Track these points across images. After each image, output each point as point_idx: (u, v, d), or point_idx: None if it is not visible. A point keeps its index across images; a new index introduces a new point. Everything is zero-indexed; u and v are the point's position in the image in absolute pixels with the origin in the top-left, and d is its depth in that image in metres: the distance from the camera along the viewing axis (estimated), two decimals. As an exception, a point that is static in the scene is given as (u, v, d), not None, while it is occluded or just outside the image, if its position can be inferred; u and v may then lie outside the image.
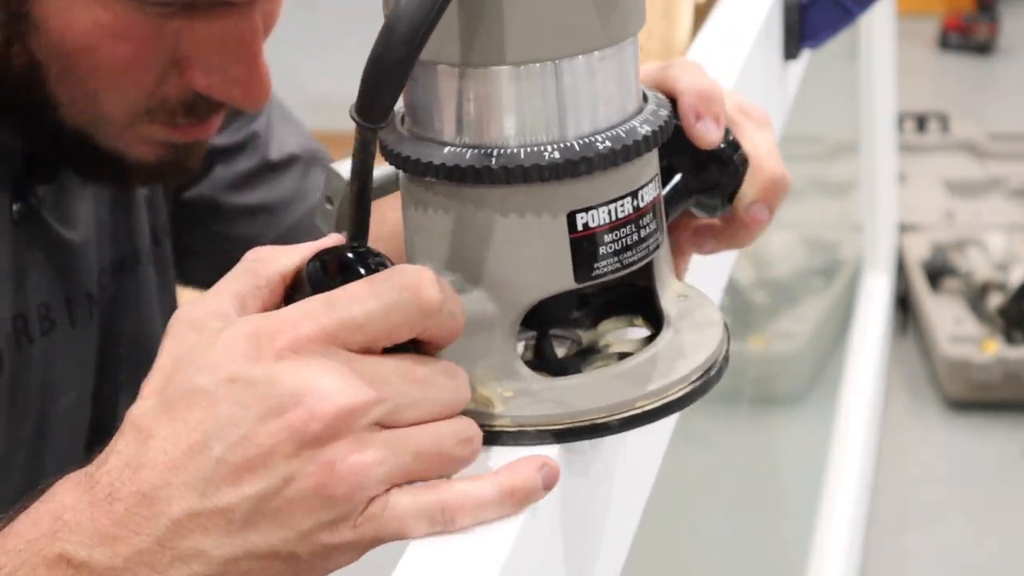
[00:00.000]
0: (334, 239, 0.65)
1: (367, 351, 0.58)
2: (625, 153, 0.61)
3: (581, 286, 0.62)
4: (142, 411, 0.60)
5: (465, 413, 0.60)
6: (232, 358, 0.58)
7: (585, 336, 0.68)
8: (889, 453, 2.80)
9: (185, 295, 1.16)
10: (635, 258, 0.63)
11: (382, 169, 0.66)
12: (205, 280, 1.17)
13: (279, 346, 0.58)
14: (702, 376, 0.64)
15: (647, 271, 0.65)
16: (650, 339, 0.67)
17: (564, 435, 0.62)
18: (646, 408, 0.62)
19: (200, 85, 0.84)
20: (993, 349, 2.92)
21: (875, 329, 2.92)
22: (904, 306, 3.24)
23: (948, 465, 2.81)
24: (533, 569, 0.60)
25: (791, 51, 1.28)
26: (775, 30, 1.24)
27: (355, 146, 0.60)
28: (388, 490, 0.58)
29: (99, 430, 1.02)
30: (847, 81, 2.92)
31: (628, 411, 0.62)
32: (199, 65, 0.84)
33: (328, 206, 0.67)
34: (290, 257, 0.63)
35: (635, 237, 0.63)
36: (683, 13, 1.41)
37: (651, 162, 0.64)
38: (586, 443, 0.63)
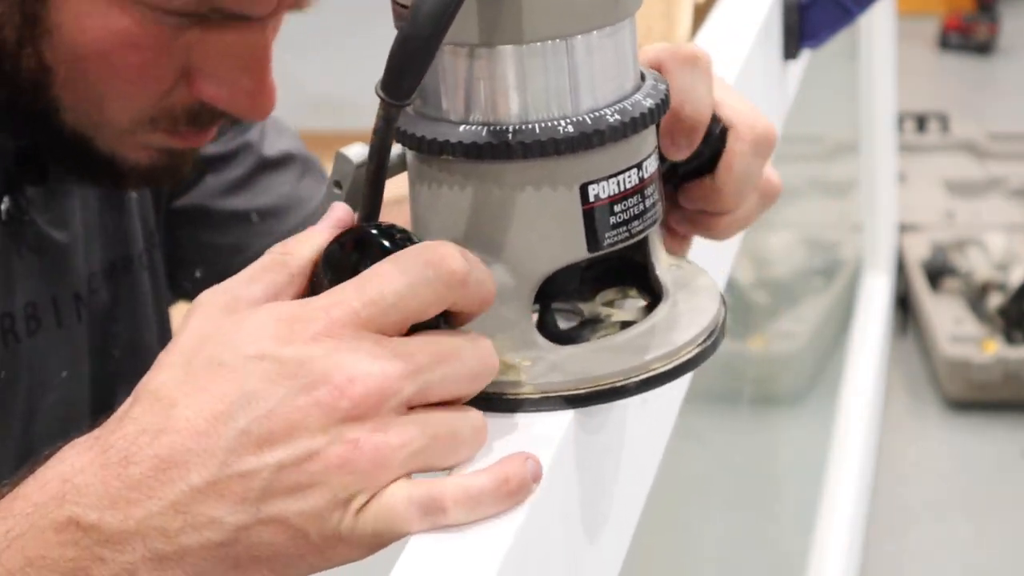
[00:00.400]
0: (342, 208, 0.66)
1: (398, 330, 0.59)
2: (633, 125, 0.63)
3: (593, 256, 0.64)
4: (161, 381, 0.59)
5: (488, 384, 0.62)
6: (262, 338, 0.59)
7: (585, 308, 0.70)
8: (889, 453, 2.81)
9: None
10: (641, 227, 0.65)
11: (362, 150, 0.68)
12: (196, 292, 1.17)
13: (312, 331, 0.58)
14: (708, 338, 0.67)
15: (642, 242, 0.68)
16: (649, 307, 0.69)
17: (585, 399, 0.64)
18: (660, 370, 0.65)
19: (207, 95, 0.84)
20: (993, 349, 2.92)
21: (875, 329, 2.92)
22: (904, 306, 3.24)
23: (948, 465, 2.81)
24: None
25: (791, 51, 1.28)
26: (775, 30, 1.24)
27: (377, 123, 0.61)
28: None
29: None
30: (847, 81, 2.92)
31: (644, 374, 0.64)
32: (208, 76, 0.84)
33: (337, 191, 0.68)
34: (316, 241, 0.64)
35: (641, 207, 0.65)
36: (683, 13, 1.41)
37: (651, 135, 0.67)
38: (599, 411, 0.65)
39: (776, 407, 2.35)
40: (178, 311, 1.21)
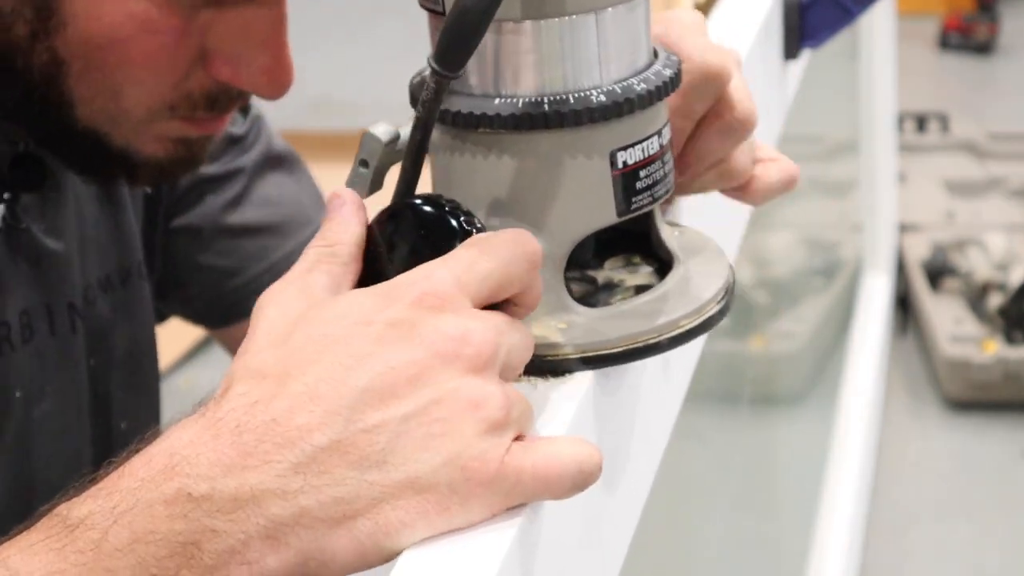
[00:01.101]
0: (349, 192, 0.66)
1: (485, 303, 0.60)
2: (657, 94, 0.67)
3: (621, 220, 0.67)
4: (262, 360, 0.58)
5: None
6: (363, 309, 0.58)
7: (597, 276, 0.73)
8: (889, 453, 2.80)
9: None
10: (662, 192, 0.69)
11: (389, 129, 0.69)
12: (188, 312, 1.16)
13: (413, 296, 0.58)
14: (725, 295, 0.70)
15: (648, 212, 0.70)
16: (659, 270, 0.72)
17: (623, 357, 0.67)
18: (689, 326, 0.68)
19: (225, 76, 0.84)
20: (993, 349, 2.92)
21: (875, 329, 2.92)
22: (904, 306, 3.24)
23: (948, 465, 2.81)
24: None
25: (791, 51, 1.28)
26: (775, 30, 1.24)
27: (426, 95, 0.62)
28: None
29: (96, 441, 1.01)
30: (847, 81, 2.92)
31: (675, 330, 0.68)
32: (225, 56, 0.83)
33: (363, 170, 0.69)
34: (351, 228, 0.65)
35: (661, 172, 0.68)
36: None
37: (666, 104, 0.70)
38: (616, 373, 0.68)
39: (776, 407, 2.35)
40: (172, 329, 1.21)
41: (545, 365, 0.65)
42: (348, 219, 0.65)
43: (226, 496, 0.55)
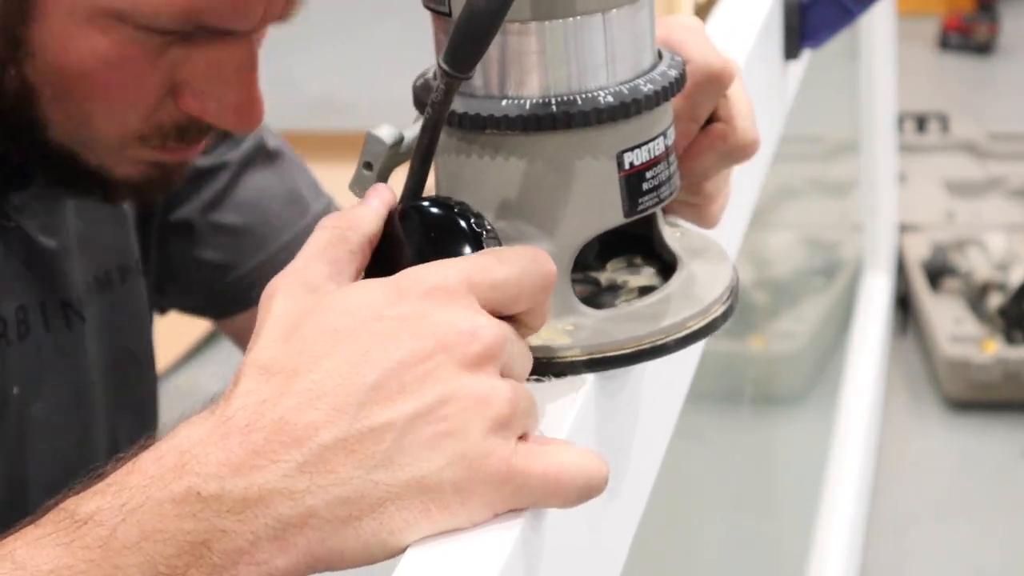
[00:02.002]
0: (384, 186, 0.66)
1: (493, 311, 0.60)
2: (664, 94, 0.66)
3: (628, 221, 0.67)
4: (270, 356, 0.58)
5: (537, 348, 0.64)
6: (373, 303, 0.58)
7: (600, 277, 0.73)
8: (889, 453, 2.80)
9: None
10: (668, 193, 0.68)
11: (393, 131, 0.69)
12: (188, 306, 1.16)
13: (424, 288, 0.58)
14: (730, 295, 0.70)
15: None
16: (662, 271, 0.72)
17: (631, 358, 0.67)
18: (696, 327, 0.68)
19: (195, 110, 0.84)
20: (993, 349, 2.92)
21: (875, 329, 2.92)
22: (904, 306, 3.24)
23: (948, 465, 2.81)
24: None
25: (791, 51, 1.28)
26: (775, 30, 1.24)
27: (435, 96, 0.62)
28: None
29: (97, 438, 1.01)
30: (847, 81, 2.92)
31: (681, 332, 0.68)
32: (194, 92, 0.83)
33: (366, 172, 0.69)
34: (371, 218, 0.65)
35: (667, 173, 0.68)
36: (684, 13, 1.41)
37: (671, 105, 0.69)
38: (620, 375, 0.68)
39: (776, 407, 2.35)
40: (173, 329, 1.20)
41: (553, 367, 0.65)
42: (374, 209, 0.65)
43: (235, 496, 0.55)
